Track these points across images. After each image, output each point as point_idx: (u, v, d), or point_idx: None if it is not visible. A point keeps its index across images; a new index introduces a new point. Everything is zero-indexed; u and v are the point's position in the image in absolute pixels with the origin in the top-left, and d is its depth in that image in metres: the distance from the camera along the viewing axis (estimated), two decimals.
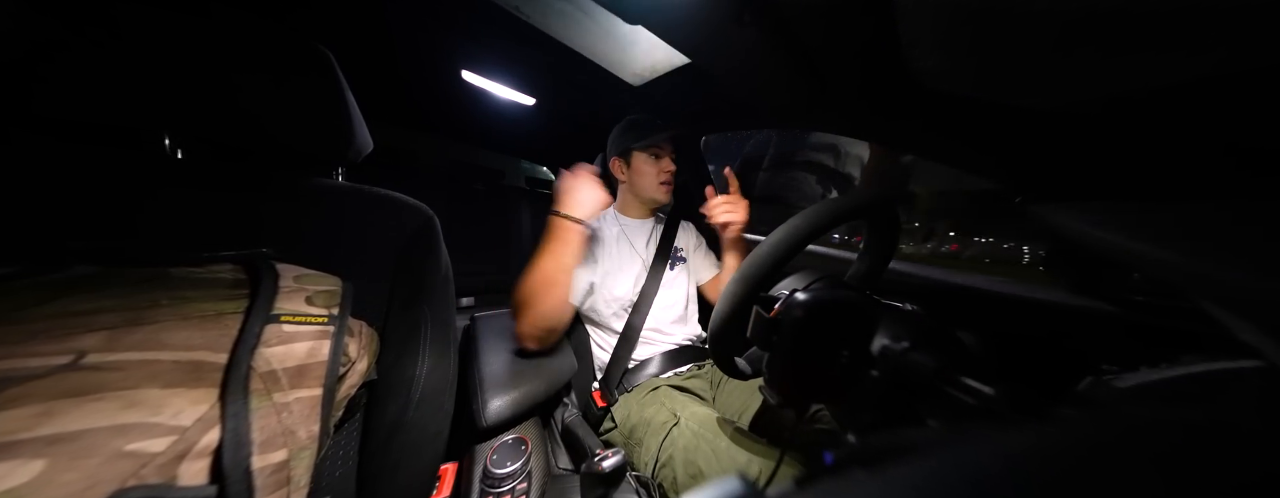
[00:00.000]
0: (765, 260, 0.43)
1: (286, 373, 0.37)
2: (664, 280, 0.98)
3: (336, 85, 0.55)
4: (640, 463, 0.70)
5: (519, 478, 0.62)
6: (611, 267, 0.95)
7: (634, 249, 1.01)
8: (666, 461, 0.65)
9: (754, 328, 0.45)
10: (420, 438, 0.54)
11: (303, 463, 0.36)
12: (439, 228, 0.64)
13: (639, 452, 0.71)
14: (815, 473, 0.28)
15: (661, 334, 0.96)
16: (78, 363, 0.29)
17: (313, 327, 0.41)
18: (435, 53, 1.19)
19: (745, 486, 0.18)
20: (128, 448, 0.27)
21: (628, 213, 1.07)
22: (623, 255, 0.98)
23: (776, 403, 0.45)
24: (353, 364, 0.46)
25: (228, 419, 0.31)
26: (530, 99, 1.45)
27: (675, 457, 0.64)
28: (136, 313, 0.34)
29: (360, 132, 0.59)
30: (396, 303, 0.58)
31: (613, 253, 0.97)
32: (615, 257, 0.97)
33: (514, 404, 0.72)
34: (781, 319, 0.42)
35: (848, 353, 0.39)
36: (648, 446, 0.70)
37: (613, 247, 0.98)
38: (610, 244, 0.98)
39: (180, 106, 0.48)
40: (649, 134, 0.99)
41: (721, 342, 0.50)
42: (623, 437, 0.77)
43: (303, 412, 0.37)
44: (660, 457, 0.66)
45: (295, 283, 0.43)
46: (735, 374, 0.55)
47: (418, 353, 0.56)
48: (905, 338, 0.36)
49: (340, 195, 0.58)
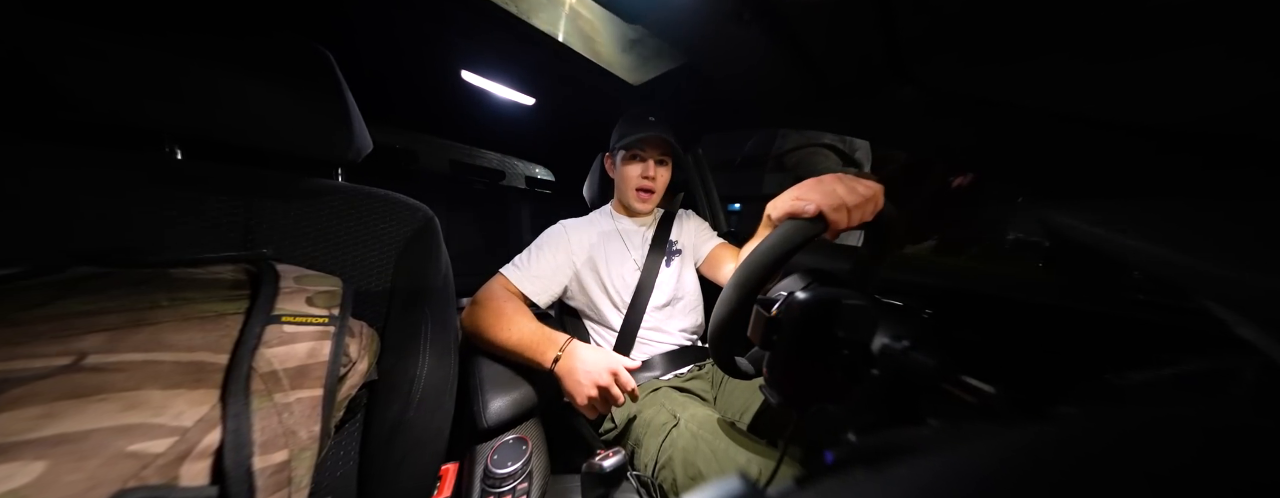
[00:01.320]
0: (765, 260, 0.43)
1: (287, 374, 0.37)
2: (660, 277, 0.97)
3: (336, 86, 0.55)
4: (641, 464, 0.70)
5: (520, 478, 0.62)
6: (604, 264, 0.94)
7: (625, 247, 0.99)
8: (666, 462, 0.65)
9: (754, 328, 0.45)
10: (421, 438, 0.54)
11: (304, 464, 0.36)
12: (439, 228, 0.64)
13: (639, 452, 0.71)
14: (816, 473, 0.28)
15: (661, 333, 0.95)
16: (79, 364, 0.29)
17: (313, 327, 0.41)
18: (435, 53, 1.19)
19: (746, 485, 0.18)
20: (129, 449, 0.28)
21: (620, 211, 1.06)
22: (614, 253, 0.97)
23: (777, 403, 0.45)
24: (353, 365, 0.46)
25: (229, 420, 0.31)
26: (529, 99, 1.45)
27: (675, 458, 0.64)
28: (137, 314, 0.34)
29: (359, 132, 0.59)
30: (397, 303, 0.58)
31: (605, 250, 0.96)
32: (607, 254, 0.96)
33: (515, 404, 0.72)
34: (782, 319, 0.42)
35: (848, 352, 0.39)
36: (647, 447, 0.70)
37: (605, 244, 0.97)
38: (603, 241, 0.98)
39: (180, 108, 0.48)
40: (634, 131, 0.91)
41: (722, 341, 0.50)
42: (623, 437, 0.78)
43: (304, 412, 0.37)
44: (660, 458, 0.66)
45: (296, 284, 0.44)
46: (736, 374, 0.55)
47: (418, 353, 0.56)
48: (906, 337, 0.36)
49: (340, 196, 0.58)
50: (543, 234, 0.97)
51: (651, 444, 0.69)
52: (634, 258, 0.98)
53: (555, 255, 0.92)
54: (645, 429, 0.72)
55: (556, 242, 0.94)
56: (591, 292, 0.94)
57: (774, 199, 0.49)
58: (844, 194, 0.44)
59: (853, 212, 0.44)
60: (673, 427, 0.68)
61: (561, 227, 0.98)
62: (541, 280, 0.89)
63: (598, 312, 0.95)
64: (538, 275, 0.88)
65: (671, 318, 0.97)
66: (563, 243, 0.94)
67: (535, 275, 0.88)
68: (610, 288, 0.93)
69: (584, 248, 0.95)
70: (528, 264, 0.89)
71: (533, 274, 0.88)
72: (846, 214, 0.44)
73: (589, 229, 0.99)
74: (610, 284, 0.93)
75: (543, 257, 0.91)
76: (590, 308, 0.96)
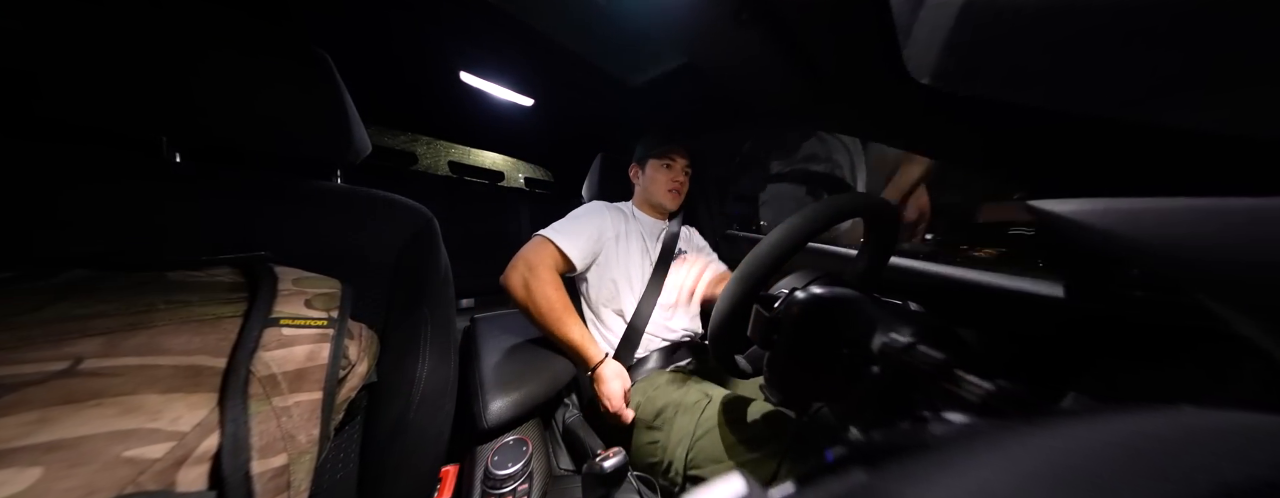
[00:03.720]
0: (765, 259, 0.43)
1: (286, 377, 0.37)
2: (669, 277, 1.02)
3: (334, 88, 0.55)
4: (660, 447, 0.70)
5: (520, 479, 0.62)
6: (625, 251, 1.00)
7: (644, 241, 1.06)
8: (705, 433, 0.66)
9: (754, 327, 0.45)
10: (421, 440, 0.54)
11: (303, 467, 0.36)
12: (438, 229, 0.64)
13: (665, 432, 0.71)
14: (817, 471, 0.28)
15: (664, 328, 0.97)
16: (75, 368, 0.29)
17: (312, 330, 0.41)
18: (433, 55, 1.19)
19: (748, 485, 0.18)
20: (126, 454, 0.27)
21: (642, 210, 1.14)
22: (634, 241, 1.03)
23: (777, 402, 0.45)
24: (353, 367, 0.46)
25: (227, 424, 0.31)
26: (528, 100, 1.45)
27: (712, 431, 0.65)
28: (134, 317, 0.33)
29: (358, 134, 0.59)
30: (396, 305, 0.58)
31: (625, 241, 1.02)
32: (629, 243, 1.02)
33: (515, 405, 0.72)
34: (781, 317, 0.42)
35: (848, 351, 0.39)
36: (679, 425, 0.70)
37: (625, 236, 1.03)
38: (623, 233, 1.03)
39: (178, 109, 0.47)
40: (662, 144, 1.07)
41: (722, 340, 0.50)
42: (644, 422, 0.77)
43: (303, 416, 0.37)
44: (697, 431, 0.67)
45: (294, 286, 0.43)
46: (736, 373, 0.55)
47: (418, 355, 0.56)
48: (905, 335, 0.36)
49: (339, 197, 0.58)
50: (581, 209, 1.03)
51: (685, 421, 0.70)
52: (650, 252, 1.04)
53: (596, 225, 0.97)
54: (676, 408, 0.73)
55: (596, 215, 1.00)
56: (607, 274, 0.97)
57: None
58: None
59: None
60: (707, 404, 0.70)
61: (599, 204, 1.06)
62: (583, 246, 0.92)
63: (608, 298, 0.97)
64: (578, 240, 0.92)
65: (674, 316, 0.99)
66: (600, 217, 0.99)
67: (576, 239, 0.92)
68: (629, 272, 0.97)
69: (614, 229, 1.00)
70: (568, 230, 0.93)
71: (574, 236, 0.92)
72: None
73: (618, 214, 1.05)
74: (627, 273, 0.97)
75: (584, 226, 0.95)
76: (601, 295, 0.97)
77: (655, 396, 0.78)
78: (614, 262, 0.98)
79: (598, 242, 0.96)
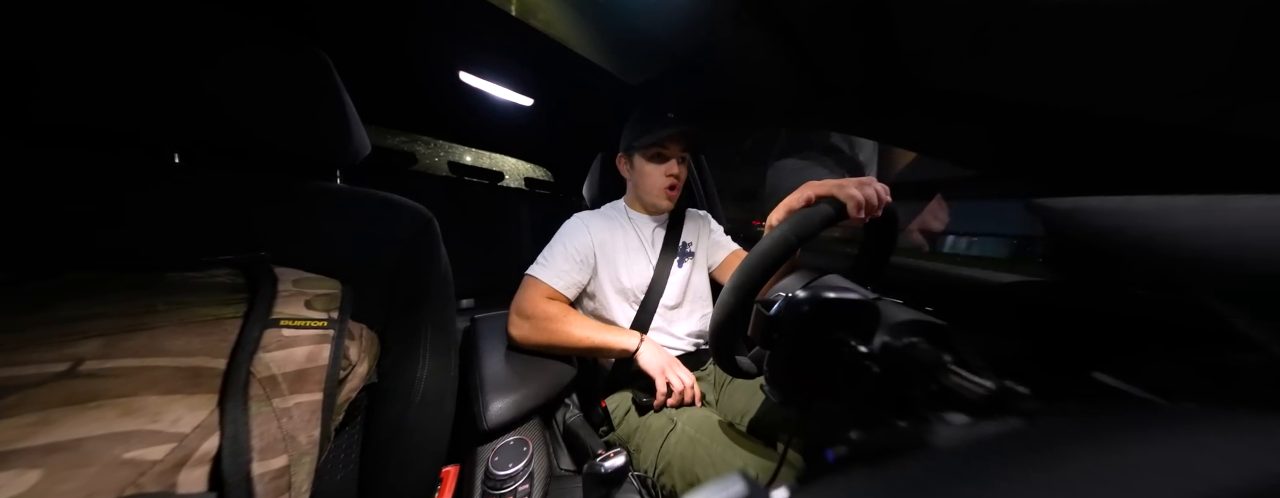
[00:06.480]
0: (764, 259, 0.43)
1: (286, 378, 0.37)
2: (672, 277, 0.96)
3: (334, 88, 0.55)
4: (641, 468, 0.70)
5: (521, 479, 0.62)
6: (620, 259, 0.93)
7: (641, 241, 0.98)
8: (665, 467, 0.65)
9: (755, 327, 0.45)
10: (421, 440, 0.54)
11: (303, 468, 0.36)
12: (438, 230, 0.64)
13: (638, 457, 0.72)
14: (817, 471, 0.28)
15: (667, 335, 0.95)
16: (75, 370, 0.29)
17: (312, 331, 0.41)
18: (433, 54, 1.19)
19: (748, 484, 0.18)
20: (126, 456, 0.27)
21: (635, 208, 1.04)
22: (630, 247, 0.96)
23: (778, 401, 0.45)
24: (353, 368, 0.46)
25: (227, 425, 0.31)
26: (528, 100, 1.45)
27: (673, 463, 0.64)
28: (134, 319, 0.33)
29: (358, 134, 0.59)
30: (396, 306, 0.58)
31: (623, 245, 0.95)
32: (624, 248, 0.95)
33: (515, 406, 0.72)
34: (782, 317, 0.42)
35: (848, 350, 0.39)
36: (646, 452, 0.70)
37: (622, 239, 0.96)
38: (619, 236, 0.96)
39: (177, 110, 0.47)
40: (652, 131, 0.89)
41: (722, 341, 0.50)
42: (622, 440, 0.77)
43: (303, 417, 0.37)
44: (659, 463, 0.67)
45: (294, 287, 0.43)
46: (737, 373, 0.55)
47: (418, 355, 0.56)
48: (906, 335, 0.36)
49: (338, 198, 0.58)
50: (561, 229, 0.96)
51: (650, 449, 0.69)
52: (649, 255, 0.97)
53: (578, 248, 0.91)
54: (644, 433, 0.72)
55: (576, 235, 0.93)
56: (605, 286, 0.93)
57: (774, 209, 0.50)
58: (852, 186, 0.46)
59: (865, 203, 0.45)
60: (670, 431, 0.68)
61: (578, 220, 0.97)
62: (569, 274, 0.88)
63: (608, 307, 0.94)
64: (565, 270, 0.88)
65: (678, 320, 0.97)
66: (582, 235, 0.92)
67: (562, 271, 0.88)
68: (624, 284, 0.93)
69: (601, 241, 0.94)
70: (552, 261, 0.89)
71: (560, 270, 0.88)
72: (857, 203, 0.45)
73: (605, 222, 0.97)
74: (625, 280, 0.92)
75: (566, 251, 0.90)
76: (601, 303, 0.95)
77: (631, 416, 0.78)
78: (605, 275, 0.92)
79: (583, 263, 0.90)
